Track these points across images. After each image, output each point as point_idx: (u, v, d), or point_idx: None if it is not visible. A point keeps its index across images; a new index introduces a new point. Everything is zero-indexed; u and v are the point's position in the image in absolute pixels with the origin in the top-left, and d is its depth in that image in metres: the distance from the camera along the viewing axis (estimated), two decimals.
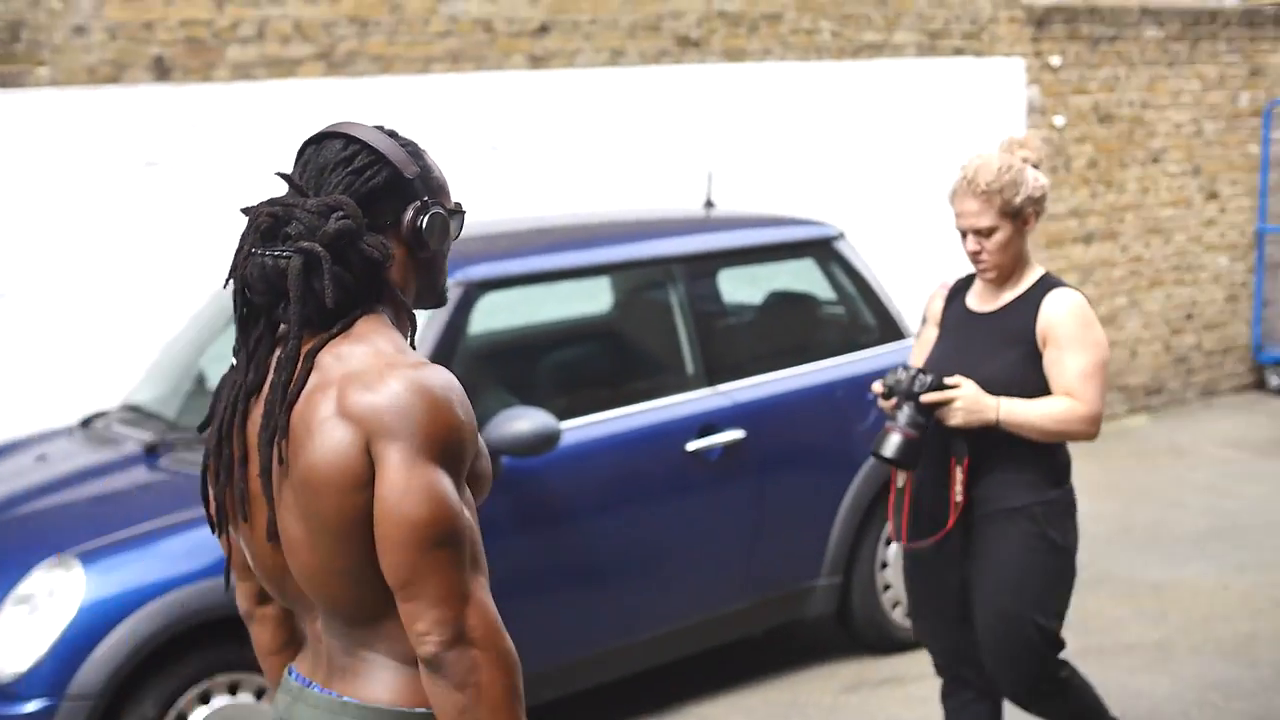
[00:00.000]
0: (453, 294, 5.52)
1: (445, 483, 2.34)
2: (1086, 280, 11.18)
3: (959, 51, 10.32)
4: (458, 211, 2.62)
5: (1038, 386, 4.50)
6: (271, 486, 2.41)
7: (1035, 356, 4.51)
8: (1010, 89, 10.58)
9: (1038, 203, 4.51)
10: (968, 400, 4.44)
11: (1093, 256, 11.25)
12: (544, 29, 8.42)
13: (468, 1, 8.12)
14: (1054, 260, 10.91)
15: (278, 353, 2.47)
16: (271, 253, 2.43)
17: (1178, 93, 11.70)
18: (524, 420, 5.40)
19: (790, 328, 7.01)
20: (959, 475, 4.53)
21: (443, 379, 2.39)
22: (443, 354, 5.43)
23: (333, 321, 2.45)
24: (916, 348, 4.90)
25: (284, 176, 2.54)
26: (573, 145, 8.52)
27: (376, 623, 2.43)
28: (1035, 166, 4.55)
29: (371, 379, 2.35)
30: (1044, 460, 4.56)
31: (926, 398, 4.46)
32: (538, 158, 8.38)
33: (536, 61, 8.41)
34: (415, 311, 2.62)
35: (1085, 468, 9.78)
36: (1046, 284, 4.57)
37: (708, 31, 9.11)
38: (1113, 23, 11.22)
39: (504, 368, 6.37)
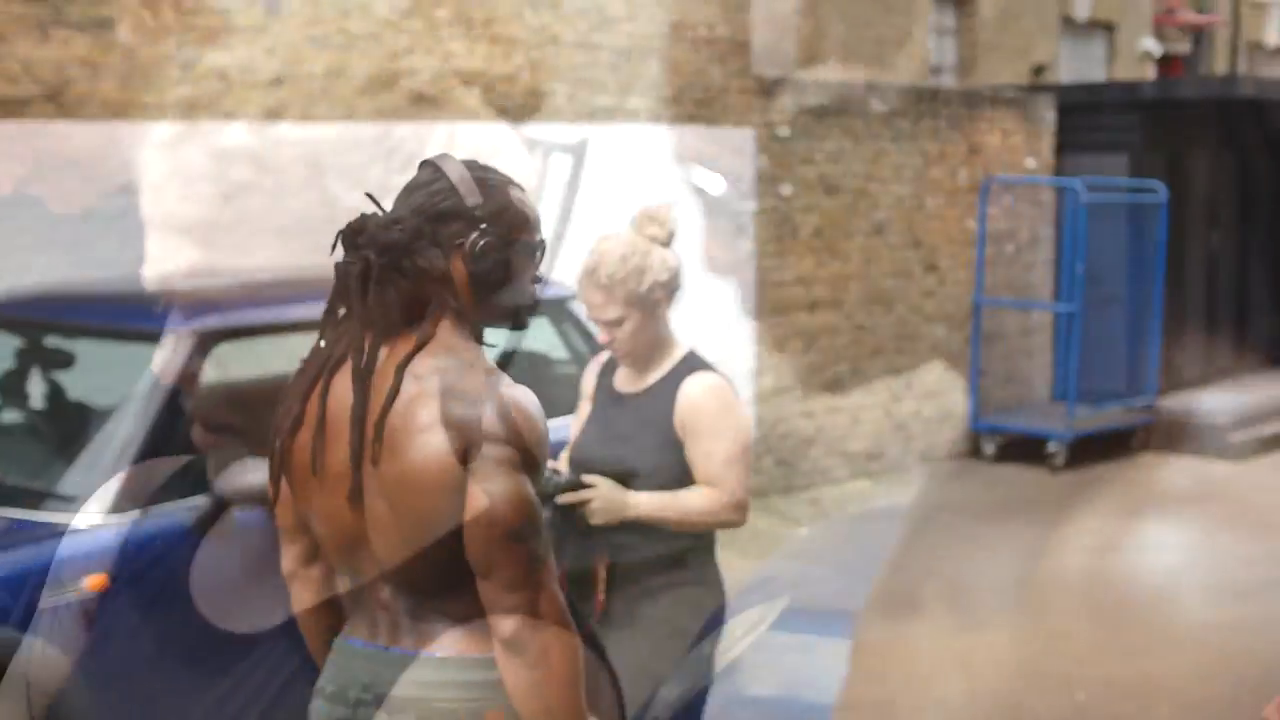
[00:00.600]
0: (185, 343, 5.44)
1: (529, 487, 2.73)
2: (811, 347, 11.41)
3: (691, 119, 10.48)
4: (533, 244, 2.97)
5: (679, 474, 4.27)
6: (359, 466, 2.75)
7: (676, 443, 4.28)
8: (740, 157, 10.77)
9: (667, 285, 4.30)
10: (605, 500, 4.18)
11: (818, 323, 11.49)
12: (278, 81, 8.33)
13: (201, 49, 7.99)
14: (779, 327, 11.12)
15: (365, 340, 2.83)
16: (345, 260, 2.86)
17: (900, 167, 12.04)
18: (257, 473, 5.30)
19: (524, 385, 7.00)
20: (601, 574, 4.29)
21: (532, 398, 2.81)
22: (172, 404, 5.31)
23: (395, 323, 2.81)
24: (575, 425, 4.64)
25: (369, 196, 3.02)
26: (308, 199, 8.43)
27: (447, 592, 2.78)
28: (666, 244, 4.34)
29: (472, 395, 2.74)
30: (683, 539, 4.31)
31: (562, 499, 4.20)
32: (272, 210, 8.26)
33: (271, 113, 8.31)
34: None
35: (811, 531, 10.01)
36: (688, 366, 4.35)
37: (442, 90, 9.10)
38: (839, 97, 11.51)
39: (239, 419, 6.24)
